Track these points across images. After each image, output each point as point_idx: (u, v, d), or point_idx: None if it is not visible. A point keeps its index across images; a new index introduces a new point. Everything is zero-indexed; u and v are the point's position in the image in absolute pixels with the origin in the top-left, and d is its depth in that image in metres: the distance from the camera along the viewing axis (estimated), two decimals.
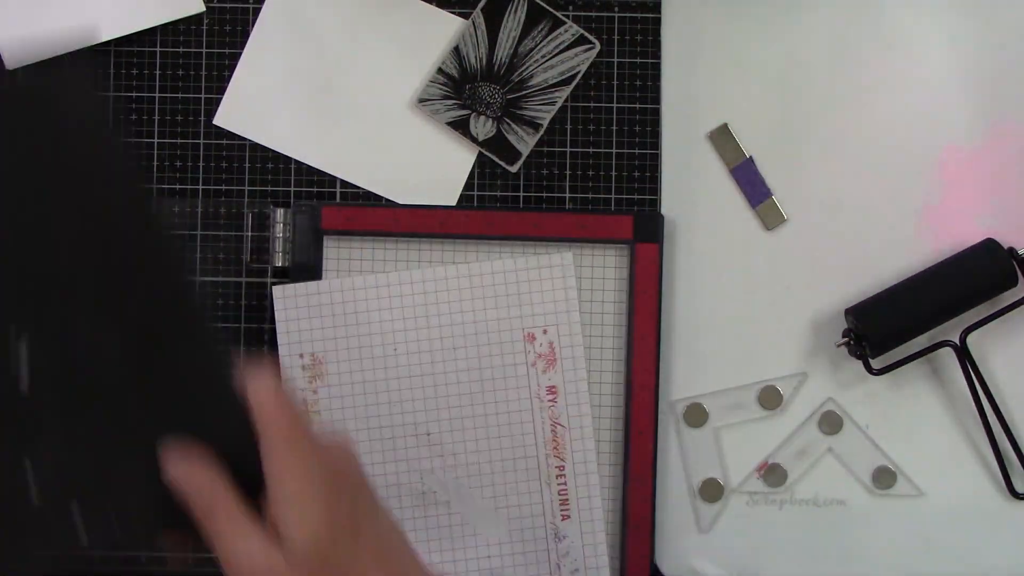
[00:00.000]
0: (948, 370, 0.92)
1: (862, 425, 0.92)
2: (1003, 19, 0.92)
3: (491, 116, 0.92)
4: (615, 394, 0.92)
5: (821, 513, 0.92)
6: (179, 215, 0.92)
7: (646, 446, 0.91)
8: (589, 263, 0.92)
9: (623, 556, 0.91)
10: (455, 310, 0.91)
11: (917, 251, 0.92)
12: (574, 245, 0.91)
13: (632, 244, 0.91)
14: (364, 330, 0.91)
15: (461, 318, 0.91)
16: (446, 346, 0.91)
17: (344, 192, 0.93)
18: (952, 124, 0.92)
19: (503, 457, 0.91)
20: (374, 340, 0.91)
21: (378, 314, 0.91)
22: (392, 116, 0.93)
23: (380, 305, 0.91)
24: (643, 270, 0.91)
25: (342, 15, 0.93)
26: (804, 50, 0.93)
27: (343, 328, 0.91)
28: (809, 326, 0.92)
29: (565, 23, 0.92)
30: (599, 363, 0.92)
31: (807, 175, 0.92)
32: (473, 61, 0.92)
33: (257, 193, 0.92)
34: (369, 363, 0.91)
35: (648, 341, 0.91)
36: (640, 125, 0.93)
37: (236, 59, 0.93)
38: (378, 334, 0.91)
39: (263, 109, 0.93)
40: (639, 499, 0.91)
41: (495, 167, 0.93)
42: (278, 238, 0.92)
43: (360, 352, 0.91)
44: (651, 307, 0.91)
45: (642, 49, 0.93)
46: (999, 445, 0.91)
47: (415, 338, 0.91)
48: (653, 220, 0.91)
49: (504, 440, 0.91)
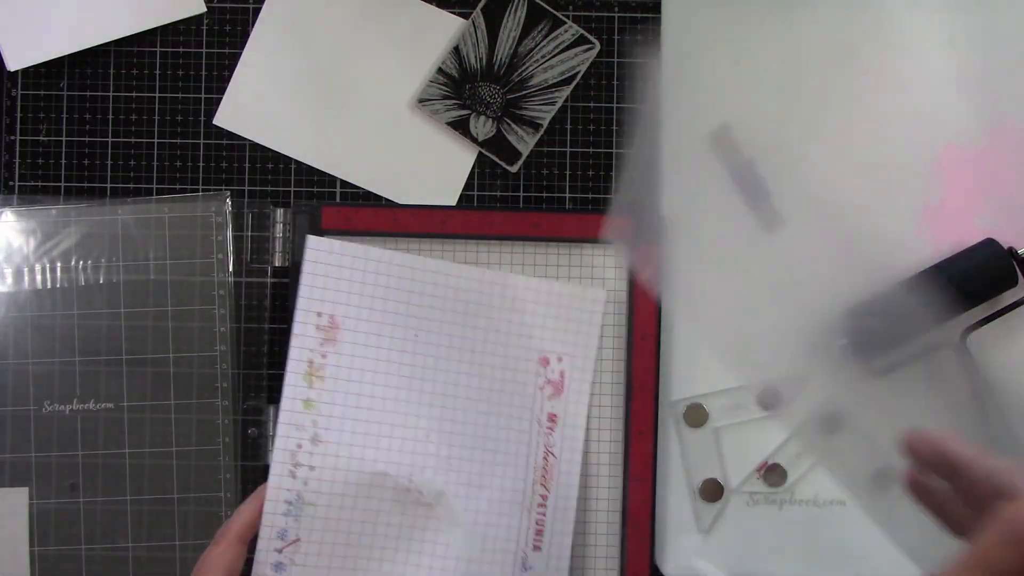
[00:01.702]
0: (948, 370, 0.92)
1: (862, 425, 0.92)
2: (1003, 19, 0.92)
3: (491, 116, 0.92)
4: (615, 394, 0.92)
5: (821, 513, 0.92)
6: (179, 215, 0.92)
7: (646, 446, 0.91)
8: (589, 263, 0.92)
9: (623, 556, 0.91)
10: (482, 313, 0.90)
11: (917, 251, 0.92)
12: (574, 245, 0.92)
13: (631, 244, 0.91)
14: (390, 307, 0.89)
15: (485, 323, 0.90)
16: (464, 347, 0.90)
17: (344, 192, 0.93)
18: (952, 124, 0.92)
19: (493, 473, 0.89)
20: (397, 319, 0.89)
21: (407, 295, 0.89)
22: (392, 116, 0.93)
23: (412, 287, 0.89)
24: (642, 270, 0.91)
25: (342, 15, 0.93)
26: (804, 50, 0.93)
27: (368, 299, 0.88)
28: (809, 326, 0.92)
29: (565, 23, 0.92)
30: (599, 363, 0.92)
31: (807, 176, 0.92)
32: (473, 61, 0.92)
33: (257, 193, 0.93)
34: (386, 341, 0.88)
35: (648, 342, 0.91)
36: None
37: (236, 59, 0.93)
38: (403, 314, 0.89)
39: (263, 109, 0.93)
40: (639, 499, 0.91)
41: (495, 167, 0.93)
42: (278, 238, 0.92)
43: (380, 328, 0.88)
44: (651, 307, 0.91)
45: (642, 49, 0.93)
46: (999, 444, 0.91)
47: (437, 330, 0.89)
48: (653, 220, 0.91)
49: (499, 456, 0.90)
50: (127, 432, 0.91)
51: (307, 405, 0.86)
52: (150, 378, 0.91)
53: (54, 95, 0.93)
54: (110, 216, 0.91)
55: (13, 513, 0.90)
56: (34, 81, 0.93)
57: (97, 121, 0.93)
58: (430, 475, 0.88)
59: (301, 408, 0.86)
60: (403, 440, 0.88)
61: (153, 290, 0.91)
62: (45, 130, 0.93)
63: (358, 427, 0.87)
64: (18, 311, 0.91)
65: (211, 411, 0.91)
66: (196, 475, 0.91)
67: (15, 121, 0.93)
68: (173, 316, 0.91)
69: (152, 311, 0.91)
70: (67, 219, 0.91)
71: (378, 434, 0.87)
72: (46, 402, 0.91)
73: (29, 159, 0.93)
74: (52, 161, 0.93)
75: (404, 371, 0.88)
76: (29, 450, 0.90)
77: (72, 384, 0.91)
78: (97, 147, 0.93)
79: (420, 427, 0.88)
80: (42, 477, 0.90)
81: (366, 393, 0.87)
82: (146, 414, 0.91)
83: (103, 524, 0.90)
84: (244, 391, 0.91)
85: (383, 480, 0.87)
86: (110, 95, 0.93)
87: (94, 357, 0.91)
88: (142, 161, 0.93)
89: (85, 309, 0.91)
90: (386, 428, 0.87)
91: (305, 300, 0.87)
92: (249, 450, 0.91)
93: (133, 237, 0.91)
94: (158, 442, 0.91)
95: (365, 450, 0.87)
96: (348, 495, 0.86)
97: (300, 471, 0.85)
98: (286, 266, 0.92)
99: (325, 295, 0.87)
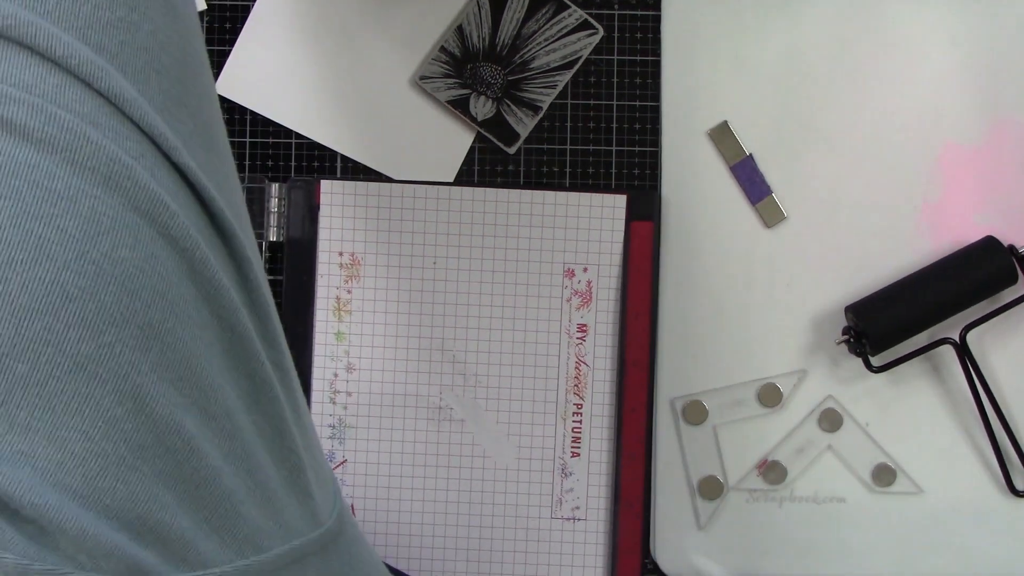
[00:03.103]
0: (948, 367, 0.92)
1: (862, 423, 0.92)
2: (1003, 18, 0.92)
3: (491, 97, 0.92)
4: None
5: (821, 510, 0.92)
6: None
7: (639, 423, 0.91)
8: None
9: (615, 535, 0.91)
10: (500, 234, 0.92)
11: (917, 248, 0.92)
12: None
13: (627, 222, 0.91)
14: (407, 239, 0.92)
15: (505, 243, 0.92)
16: (485, 268, 0.92)
17: (344, 168, 0.93)
18: (952, 122, 0.92)
19: (523, 387, 0.92)
20: (415, 250, 0.92)
21: (423, 224, 0.92)
22: (392, 93, 0.93)
23: (427, 217, 0.92)
24: (638, 248, 0.91)
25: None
26: (804, 48, 0.93)
27: (386, 233, 0.92)
28: (809, 323, 0.92)
29: (569, 7, 0.92)
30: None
31: (807, 172, 0.92)
32: (476, 41, 0.92)
33: (258, 168, 0.93)
34: (406, 271, 0.92)
35: (642, 320, 0.91)
36: (640, 123, 0.93)
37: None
38: (420, 244, 0.92)
39: (265, 79, 0.92)
40: (632, 477, 0.91)
41: (494, 152, 0.93)
42: (273, 212, 0.92)
43: (400, 260, 0.92)
44: (645, 285, 0.91)
45: (642, 46, 0.93)
46: (999, 443, 0.90)
47: (455, 255, 0.92)
48: (649, 198, 0.91)
49: (528, 370, 0.92)
50: None
51: (339, 337, 0.92)
52: None
53: None
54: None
55: None
56: None
57: None
58: (459, 392, 0.92)
59: (334, 341, 0.92)
60: (431, 363, 0.92)
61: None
62: None
63: (387, 353, 0.92)
64: None
65: None
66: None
67: None
68: None
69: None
70: None
71: (406, 359, 0.92)
72: None
73: None
74: None
75: (427, 297, 0.92)
76: None
77: None
78: None
79: (446, 347, 0.92)
80: None
81: (391, 322, 0.92)
82: None
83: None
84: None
85: (414, 403, 0.92)
86: None
87: None
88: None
89: None
90: (413, 352, 0.92)
91: (326, 242, 0.92)
92: None
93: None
94: None
95: (396, 374, 0.92)
96: (385, 417, 0.92)
97: (339, 397, 0.92)
98: (280, 241, 0.92)
99: (344, 235, 0.92)
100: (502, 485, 0.92)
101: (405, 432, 0.92)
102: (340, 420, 0.92)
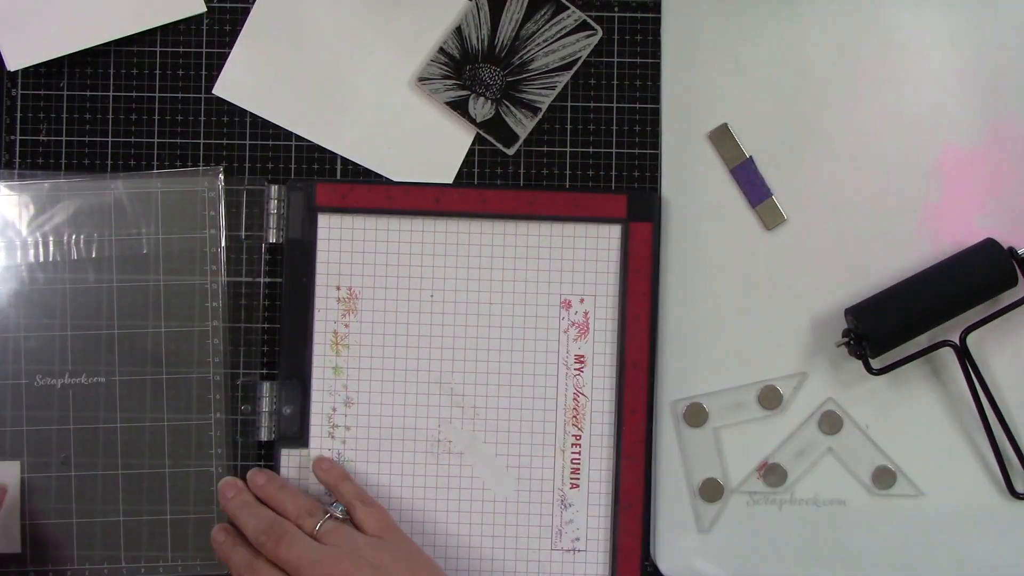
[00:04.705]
0: (948, 370, 0.91)
1: (862, 425, 0.92)
2: (1003, 18, 0.92)
3: (490, 98, 0.92)
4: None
5: (821, 513, 0.92)
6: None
7: (639, 425, 0.91)
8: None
9: (614, 536, 0.91)
10: (496, 266, 0.92)
11: (917, 251, 0.92)
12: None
13: (626, 223, 0.91)
14: (403, 272, 0.92)
15: (501, 275, 0.92)
16: (482, 300, 0.92)
17: (343, 169, 0.93)
18: (952, 124, 0.92)
19: (522, 418, 0.92)
20: (412, 283, 0.92)
21: (419, 258, 0.92)
22: (391, 94, 0.93)
23: (423, 250, 0.92)
24: (637, 249, 0.91)
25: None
26: (804, 50, 0.93)
27: (383, 267, 0.92)
28: (809, 326, 0.92)
29: (568, 8, 0.92)
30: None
31: (807, 175, 0.92)
32: (475, 42, 0.92)
33: (258, 170, 0.93)
34: (404, 305, 0.92)
35: (642, 321, 0.91)
36: (640, 124, 0.93)
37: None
38: (416, 277, 0.92)
39: (263, 82, 0.93)
40: (632, 478, 0.90)
41: (493, 154, 0.93)
42: (272, 214, 0.92)
43: (396, 293, 0.92)
44: (645, 287, 0.91)
45: (642, 49, 0.93)
46: (999, 445, 0.90)
47: (452, 287, 0.92)
48: (648, 199, 0.91)
49: (526, 402, 0.92)
50: (119, 406, 0.91)
51: (336, 372, 0.93)
52: (142, 353, 0.91)
53: (54, 95, 0.93)
54: (103, 190, 0.91)
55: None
56: (34, 81, 0.93)
57: (97, 121, 0.93)
58: (457, 425, 0.92)
59: (331, 375, 0.92)
60: (429, 395, 0.92)
61: (145, 265, 0.91)
62: (45, 130, 0.93)
63: (385, 387, 0.93)
64: (10, 285, 0.91)
65: (203, 386, 0.91)
66: (187, 450, 0.91)
67: (15, 121, 0.93)
68: (165, 291, 0.91)
69: (144, 286, 0.91)
70: (60, 193, 0.91)
71: (404, 392, 0.93)
72: (38, 376, 0.91)
73: (29, 159, 0.93)
74: (52, 161, 0.93)
75: (424, 330, 0.92)
76: (21, 424, 0.91)
77: (65, 358, 0.91)
78: (97, 147, 0.93)
79: (444, 380, 0.92)
80: (34, 450, 0.91)
81: (389, 356, 0.92)
82: (138, 388, 0.91)
83: (95, 497, 0.91)
84: (238, 367, 0.92)
85: (412, 436, 0.92)
86: (110, 95, 0.93)
87: (86, 332, 0.91)
88: (142, 161, 0.93)
89: (78, 283, 0.91)
90: (411, 386, 0.93)
91: (323, 276, 0.92)
92: (241, 426, 0.92)
93: (126, 211, 0.91)
94: (149, 417, 0.91)
95: (394, 408, 0.93)
96: (384, 450, 0.92)
97: (337, 431, 0.92)
98: (279, 243, 0.92)
99: (341, 269, 0.92)
100: (502, 517, 0.92)
101: (404, 465, 0.92)
102: (339, 454, 0.92)
